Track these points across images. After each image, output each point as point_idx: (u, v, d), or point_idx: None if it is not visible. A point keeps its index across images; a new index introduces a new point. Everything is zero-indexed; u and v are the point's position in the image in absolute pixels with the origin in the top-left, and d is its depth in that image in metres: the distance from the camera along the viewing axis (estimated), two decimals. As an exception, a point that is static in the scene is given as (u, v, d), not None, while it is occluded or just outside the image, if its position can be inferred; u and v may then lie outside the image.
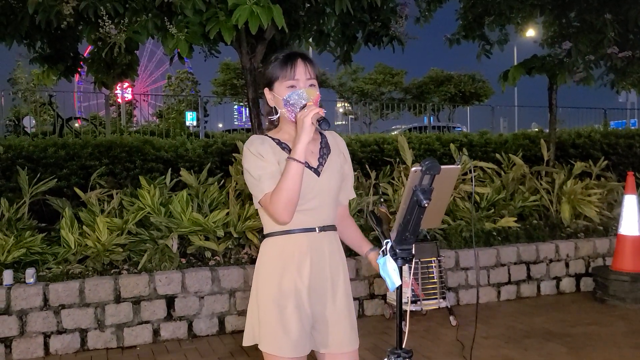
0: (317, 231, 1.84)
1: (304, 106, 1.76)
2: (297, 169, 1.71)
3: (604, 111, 14.26)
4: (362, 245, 2.00)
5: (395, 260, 1.62)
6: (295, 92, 1.79)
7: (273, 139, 1.87)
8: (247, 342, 1.91)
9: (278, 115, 1.87)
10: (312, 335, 1.86)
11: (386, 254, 1.62)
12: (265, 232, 1.91)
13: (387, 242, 1.64)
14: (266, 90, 1.88)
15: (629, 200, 5.28)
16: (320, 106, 1.81)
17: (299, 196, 1.75)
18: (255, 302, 1.87)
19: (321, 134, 1.96)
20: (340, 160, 1.95)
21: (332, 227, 1.91)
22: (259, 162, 1.80)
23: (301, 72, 1.81)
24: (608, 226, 6.10)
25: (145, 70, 43.89)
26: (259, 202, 1.83)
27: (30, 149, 6.69)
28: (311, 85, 1.83)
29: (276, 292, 1.81)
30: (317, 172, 1.85)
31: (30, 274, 4.08)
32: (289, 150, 1.82)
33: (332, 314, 1.86)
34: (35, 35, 5.56)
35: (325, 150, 1.93)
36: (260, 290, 1.85)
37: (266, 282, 1.84)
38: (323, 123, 1.70)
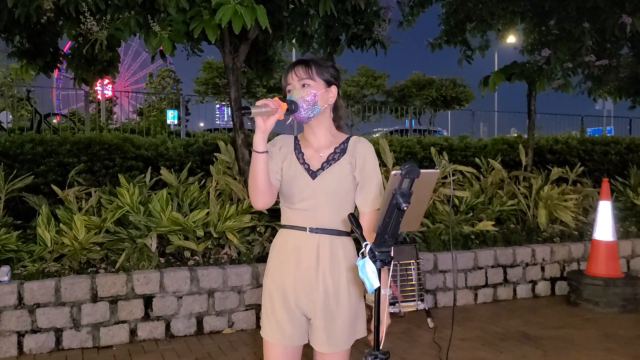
0: (307, 231, 1.93)
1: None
2: (255, 157, 1.87)
3: (581, 118, 14.48)
4: None
5: (374, 262, 1.63)
6: (289, 96, 1.93)
7: (296, 137, 2.05)
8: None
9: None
10: (308, 331, 1.99)
11: (365, 256, 1.64)
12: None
13: (366, 245, 1.65)
14: None
15: (604, 206, 5.40)
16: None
17: (264, 185, 1.89)
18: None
19: (347, 139, 2.00)
20: (350, 166, 1.96)
21: (334, 232, 1.94)
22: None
23: (292, 77, 1.94)
24: (583, 231, 6.21)
25: (124, 64, 43.22)
26: None
27: (7, 144, 6.57)
28: (304, 85, 1.93)
29: (270, 283, 2.00)
30: (314, 175, 1.94)
31: (4, 271, 4.01)
32: (299, 150, 2.00)
33: (328, 315, 1.92)
34: (14, 29, 5.46)
35: (338, 155, 1.97)
36: (264, 280, 2.05)
37: (266, 273, 2.04)
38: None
